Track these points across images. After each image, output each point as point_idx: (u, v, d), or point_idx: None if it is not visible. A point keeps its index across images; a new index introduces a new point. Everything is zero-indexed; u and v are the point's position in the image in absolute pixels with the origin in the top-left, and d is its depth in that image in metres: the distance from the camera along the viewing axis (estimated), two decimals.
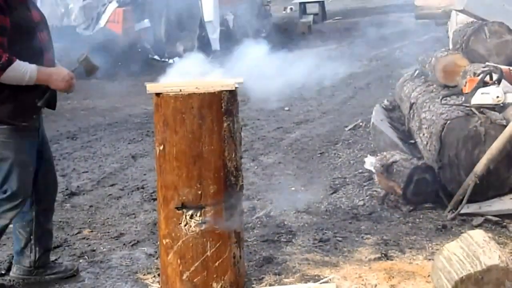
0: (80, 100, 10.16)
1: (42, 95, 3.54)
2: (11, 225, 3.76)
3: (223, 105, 3.38)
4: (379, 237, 4.36)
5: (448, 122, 4.78)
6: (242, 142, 3.66)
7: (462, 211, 4.60)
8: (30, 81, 3.42)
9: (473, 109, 4.83)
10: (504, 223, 4.51)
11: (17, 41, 3.39)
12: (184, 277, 3.50)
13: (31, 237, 3.79)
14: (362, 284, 3.69)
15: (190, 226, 3.46)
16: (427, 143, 5.10)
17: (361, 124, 7.39)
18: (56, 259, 4.10)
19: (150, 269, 4.01)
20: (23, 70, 3.39)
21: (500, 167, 4.71)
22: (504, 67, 5.28)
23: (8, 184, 3.54)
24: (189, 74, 3.67)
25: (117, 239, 4.54)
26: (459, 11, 6.84)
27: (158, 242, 3.71)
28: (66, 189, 5.67)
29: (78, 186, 5.78)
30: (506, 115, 4.78)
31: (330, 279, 3.71)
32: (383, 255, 4.05)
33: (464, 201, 4.59)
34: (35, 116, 3.56)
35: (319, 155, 6.52)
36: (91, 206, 5.27)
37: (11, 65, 3.33)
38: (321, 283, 3.65)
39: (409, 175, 4.83)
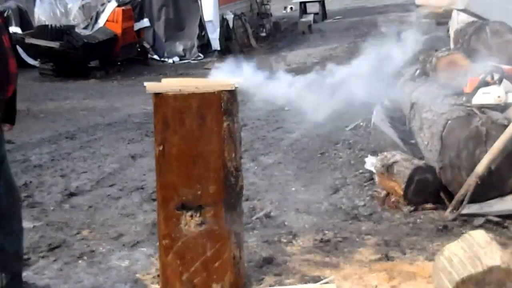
0: (79, 100, 10.15)
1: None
2: None
3: (223, 105, 3.36)
4: (380, 237, 4.34)
5: (449, 122, 4.76)
6: (242, 142, 3.64)
7: (463, 212, 4.58)
8: None
9: (474, 109, 4.81)
10: (506, 224, 4.49)
11: None
12: (184, 277, 3.48)
13: None
14: (362, 285, 3.67)
15: (190, 227, 3.44)
16: (428, 143, 5.08)
17: (361, 124, 7.38)
18: (25, 282, 3.75)
19: (150, 270, 4.00)
20: None
21: (502, 167, 4.69)
22: (506, 67, 5.26)
23: None
24: None
25: (116, 240, 4.53)
26: (460, 10, 6.83)
27: (158, 243, 3.69)
28: (65, 190, 5.66)
29: (77, 187, 5.77)
30: (508, 115, 4.76)
31: (330, 280, 3.70)
32: (383, 255, 4.03)
33: (465, 201, 4.57)
34: None
35: (319, 155, 6.51)
36: (90, 207, 5.26)
37: None
38: (321, 284, 3.63)
39: (410, 175, 4.81)
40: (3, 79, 3.18)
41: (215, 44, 14.14)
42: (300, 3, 19.61)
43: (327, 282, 3.66)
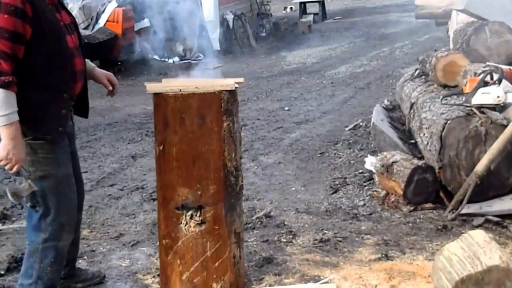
0: None
1: (70, 105, 3.33)
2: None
3: (223, 105, 3.37)
4: (380, 237, 4.35)
5: (449, 122, 4.77)
6: (242, 142, 3.65)
7: (462, 211, 4.59)
8: None
9: (473, 109, 4.81)
10: (505, 224, 4.49)
11: (44, 47, 3.11)
12: (184, 277, 3.49)
13: None
14: (362, 285, 3.68)
15: (190, 226, 3.44)
16: (427, 143, 5.09)
17: (361, 124, 7.39)
18: (79, 268, 3.86)
19: (150, 270, 4.00)
20: (5, 106, 2.97)
21: (501, 167, 4.70)
22: (505, 67, 5.27)
23: (52, 203, 3.26)
24: None
25: (116, 240, 4.53)
26: (460, 10, 6.83)
27: (158, 243, 3.69)
28: None
29: None
30: (507, 115, 4.76)
31: (330, 280, 3.70)
32: (383, 255, 4.04)
33: (465, 201, 4.58)
34: (61, 128, 3.29)
35: (319, 155, 6.51)
36: (90, 206, 5.26)
37: (3, 89, 2.95)
38: (321, 283, 3.64)
39: (409, 175, 4.82)
40: (67, 79, 3.28)
41: (215, 44, 14.15)
42: (300, 3, 19.65)
43: (327, 282, 3.67)
